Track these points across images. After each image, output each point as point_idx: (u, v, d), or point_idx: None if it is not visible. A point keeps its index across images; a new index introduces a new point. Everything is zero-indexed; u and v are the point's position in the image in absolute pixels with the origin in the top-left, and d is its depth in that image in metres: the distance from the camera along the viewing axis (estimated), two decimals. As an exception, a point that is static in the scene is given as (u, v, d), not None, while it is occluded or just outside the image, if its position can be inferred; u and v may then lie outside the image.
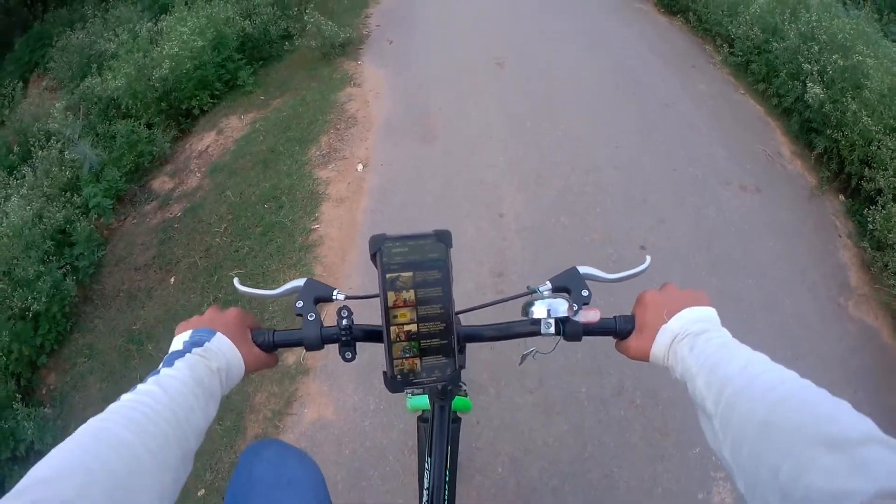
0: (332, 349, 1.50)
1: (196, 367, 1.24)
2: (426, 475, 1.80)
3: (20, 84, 9.29)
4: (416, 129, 6.34)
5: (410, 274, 1.35)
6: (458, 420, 2.28)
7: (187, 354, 1.26)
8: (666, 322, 1.36)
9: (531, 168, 5.68)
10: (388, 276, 1.34)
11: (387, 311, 1.34)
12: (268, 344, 1.48)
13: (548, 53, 7.83)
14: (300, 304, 1.48)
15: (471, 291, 4.41)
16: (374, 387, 3.88)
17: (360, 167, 5.80)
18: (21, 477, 2.93)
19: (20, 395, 4.44)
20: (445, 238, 1.39)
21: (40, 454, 2.98)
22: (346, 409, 3.81)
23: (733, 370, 1.17)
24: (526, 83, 7.14)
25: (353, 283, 4.57)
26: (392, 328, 1.34)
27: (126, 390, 3.23)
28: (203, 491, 3.67)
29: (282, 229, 5.24)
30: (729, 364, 1.20)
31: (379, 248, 1.37)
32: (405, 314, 1.35)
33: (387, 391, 1.38)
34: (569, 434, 3.60)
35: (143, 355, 4.61)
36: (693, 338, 1.32)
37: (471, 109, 6.63)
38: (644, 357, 1.41)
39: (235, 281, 1.70)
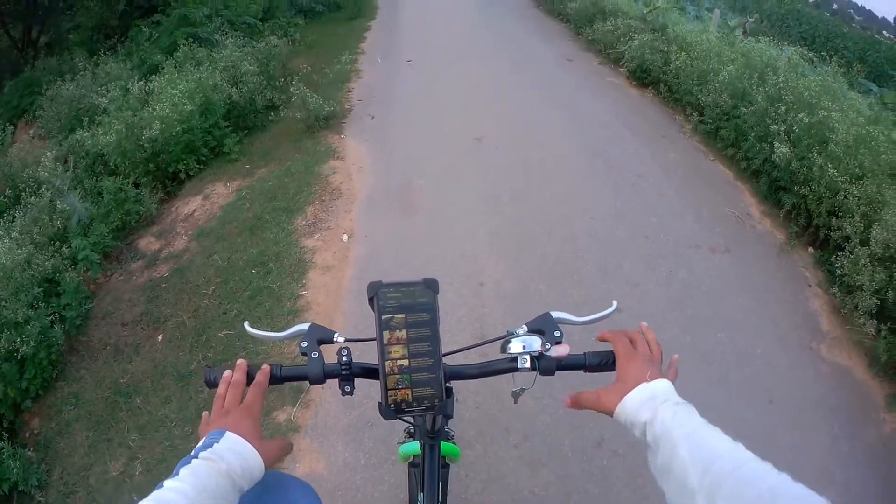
0: (332, 405, 1.64)
1: (200, 472, 1.25)
2: None
3: (11, 128, 9.36)
4: (398, 203, 6.55)
5: (403, 315, 1.56)
6: (446, 466, 2.49)
7: (194, 460, 1.28)
8: (648, 381, 1.48)
9: (510, 239, 5.90)
10: (383, 317, 1.55)
11: (382, 348, 1.53)
12: (275, 378, 1.63)
13: (524, 128, 8.20)
14: (305, 344, 1.65)
15: (456, 356, 4.51)
16: (364, 444, 4.01)
17: (345, 237, 5.99)
18: None
19: (6, 435, 4.50)
20: (433, 285, 1.61)
21: (24, 496, 3.15)
22: (337, 464, 3.92)
23: (722, 449, 1.28)
24: (504, 158, 7.42)
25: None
26: (387, 362, 1.52)
27: (114, 440, 3.41)
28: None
29: (270, 294, 5.38)
30: (717, 442, 1.31)
31: (376, 292, 1.58)
32: (398, 350, 1.53)
33: (377, 449, 1.56)
34: (554, 484, 3.76)
35: (131, 408, 4.67)
36: (675, 406, 1.43)
37: (451, 183, 6.87)
38: (611, 406, 1.48)
39: (245, 324, 1.88)
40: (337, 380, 1.63)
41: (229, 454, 1.32)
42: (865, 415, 4.33)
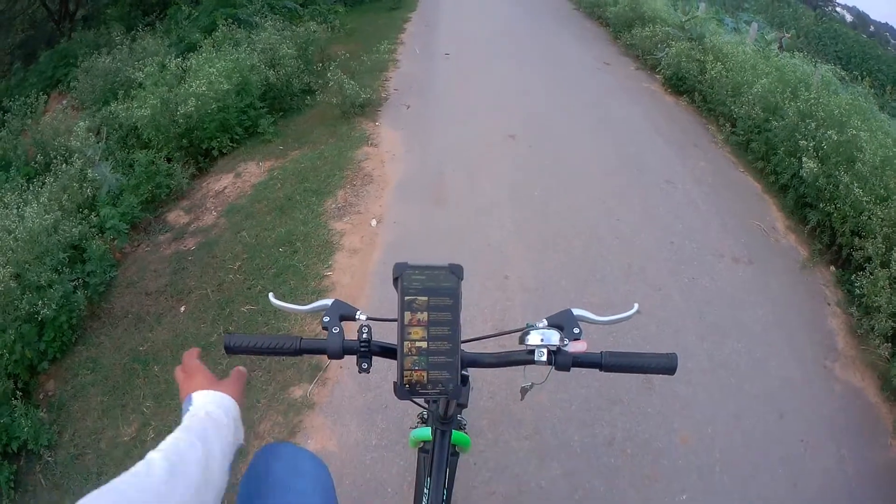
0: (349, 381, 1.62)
1: (191, 426, 1.46)
2: (424, 497, 1.96)
3: (44, 97, 9.40)
4: (429, 192, 6.54)
5: (426, 298, 1.56)
6: (456, 454, 2.50)
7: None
8: None
9: (537, 234, 5.88)
10: (406, 298, 1.55)
11: (402, 328, 1.54)
12: (295, 349, 1.67)
13: (558, 128, 8.17)
14: (327, 318, 1.67)
15: (473, 344, 4.49)
16: (377, 425, 4.00)
17: (374, 222, 5.99)
18: (9, 472, 3.12)
19: (19, 394, 4.50)
20: (458, 271, 1.60)
21: (32, 454, 3.14)
22: (348, 443, 3.91)
23: None
24: (535, 156, 7.40)
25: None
26: (405, 343, 1.53)
27: (129, 406, 3.38)
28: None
29: (295, 273, 5.38)
30: None
31: (401, 273, 1.58)
32: (418, 332, 1.54)
33: (389, 431, 1.54)
34: (561, 479, 3.73)
35: (149, 375, 4.68)
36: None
37: (482, 177, 6.86)
38: None
39: (270, 295, 1.90)
40: (355, 357, 1.64)
41: (199, 404, 1.54)
42: (874, 438, 4.27)
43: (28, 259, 5.04)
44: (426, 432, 2.42)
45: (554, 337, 1.63)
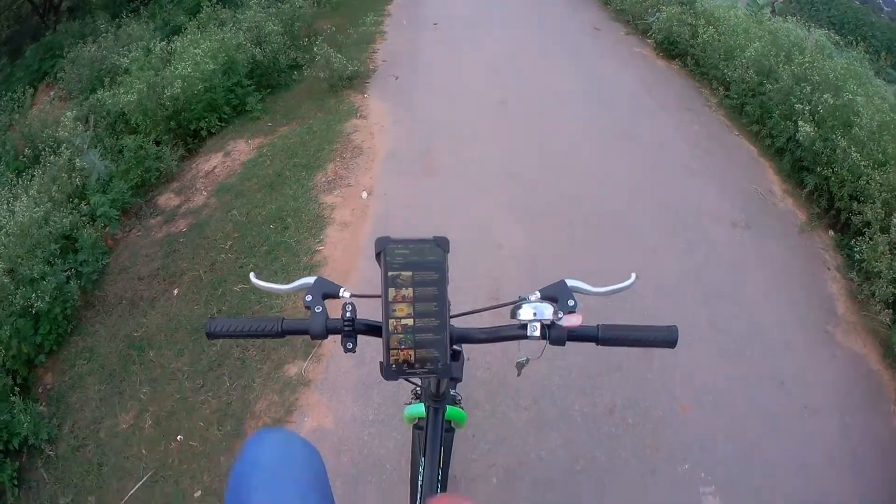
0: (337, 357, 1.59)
1: None
2: (420, 475, 1.90)
3: (31, 90, 9.37)
4: (419, 163, 6.47)
5: (410, 273, 1.51)
6: (451, 430, 2.44)
7: None
8: None
9: (529, 203, 5.82)
10: (389, 273, 1.50)
11: (387, 305, 1.49)
12: (277, 332, 1.62)
13: (549, 94, 8.07)
14: (309, 297, 1.63)
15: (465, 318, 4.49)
16: (373, 400, 3.97)
17: (364, 195, 5.93)
18: (12, 470, 3.11)
19: (18, 390, 4.46)
20: (443, 244, 1.55)
21: (33, 450, 3.12)
22: (345, 419, 3.89)
23: None
24: (527, 122, 7.33)
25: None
26: (391, 321, 1.49)
27: (126, 393, 3.35)
28: (200, 492, 3.73)
29: (287, 249, 5.34)
30: None
31: (383, 248, 1.53)
32: (403, 309, 1.49)
33: (385, 405, 1.50)
34: (561, 448, 3.70)
35: (144, 361, 4.65)
36: None
37: (473, 145, 6.78)
38: None
39: (251, 275, 1.87)
40: (339, 336, 1.58)
41: None
42: (877, 406, 4.22)
43: (20, 253, 4.99)
44: (420, 409, 2.34)
45: (547, 311, 1.58)
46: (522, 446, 3.72)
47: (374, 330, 1.62)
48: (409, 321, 1.49)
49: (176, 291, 5.23)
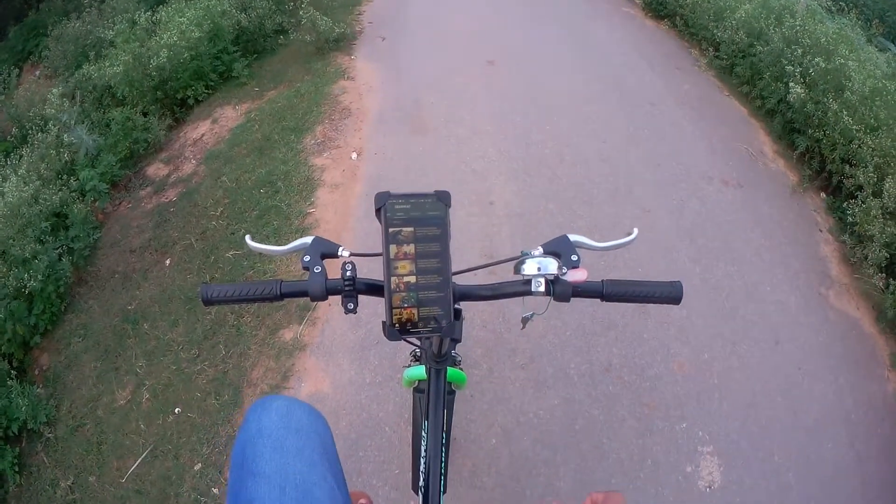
0: (335, 318, 1.52)
1: None
2: (423, 440, 1.86)
3: (16, 71, 9.27)
4: (409, 122, 6.41)
5: (411, 229, 1.42)
6: (452, 392, 2.40)
7: None
8: None
9: (520, 160, 5.79)
10: (390, 229, 1.42)
11: (388, 263, 1.41)
12: (275, 294, 1.55)
13: (538, 54, 7.99)
14: (307, 258, 1.57)
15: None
16: (370, 362, 3.94)
17: (354, 156, 5.86)
18: (12, 456, 3.03)
19: (14, 374, 4.44)
20: (445, 198, 1.46)
21: (33, 434, 3.07)
22: (342, 383, 3.86)
23: None
24: (516, 82, 7.25)
25: (347, 263, 4.60)
26: (392, 279, 1.41)
27: (122, 368, 3.28)
28: (199, 465, 3.71)
29: (278, 213, 5.28)
30: None
31: (383, 203, 1.44)
32: (405, 266, 1.41)
33: (382, 367, 1.44)
34: (559, 407, 3.69)
35: (139, 334, 4.62)
36: None
37: (462, 104, 6.72)
38: None
39: (247, 238, 1.76)
40: (340, 297, 1.53)
41: None
42: (870, 370, 4.23)
43: (11, 234, 4.93)
44: (420, 371, 2.34)
45: (551, 265, 1.55)
46: (521, 406, 3.71)
47: (375, 289, 1.57)
48: (412, 278, 1.42)
49: (168, 262, 5.18)
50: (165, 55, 6.90)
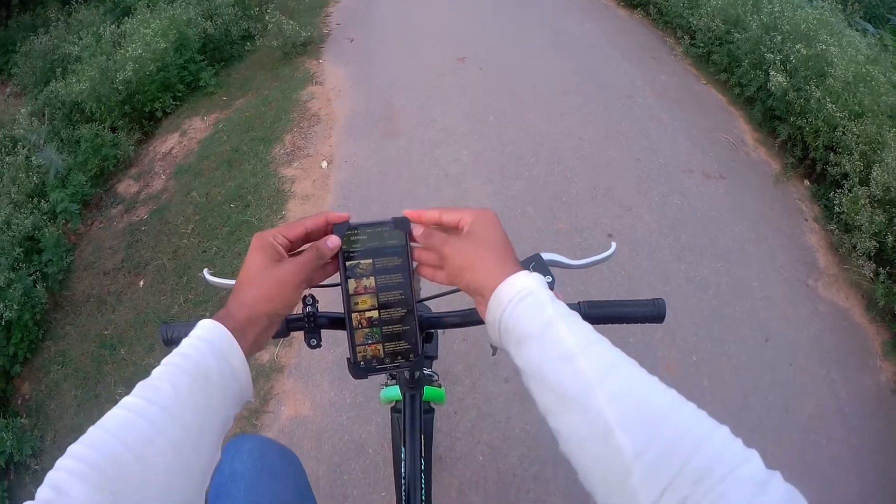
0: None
1: (159, 375, 1.01)
2: (403, 464, 1.83)
3: (-16, 90, 9.20)
4: (380, 126, 6.36)
5: (370, 261, 1.36)
6: (430, 411, 2.34)
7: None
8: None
9: (495, 161, 5.73)
10: (347, 263, 1.35)
11: (348, 299, 1.35)
12: None
13: (509, 49, 7.92)
14: None
15: (434, 290, 4.43)
16: (350, 382, 3.88)
17: (324, 164, 5.82)
18: (2, 490, 2.98)
19: (-2, 406, 4.37)
20: (403, 224, 1.38)
21: (20, 466, 3.01)
22: (323, 404, 3.82)
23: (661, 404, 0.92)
24: (487, 79, 7.20)
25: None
26: (354, 315, 1.34)
27: (101, 396, 3.20)
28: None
29: (249, 228, 5.23)
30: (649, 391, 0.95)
31: (340, 236, 1.37)
32: (366, 301, 1.35)
33: (363, 386, 1.41)
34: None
35: (116, 360, 4.56)
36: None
37: (433, 105, 6.67)
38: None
39: (205, 272, 1.70)
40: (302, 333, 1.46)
41: (193, 346, 1.05)
42: (863, 360, 4.20)
43: (-15, 266, 4.85)
44: (396, 391, 2.23)
45: None
46: (506, 421, 3.67)
47: (338, 323, 1.49)
48: (374, 313, 1.35)
49: (142, 283, 5.12)
50: (131, 68, 6.84)
